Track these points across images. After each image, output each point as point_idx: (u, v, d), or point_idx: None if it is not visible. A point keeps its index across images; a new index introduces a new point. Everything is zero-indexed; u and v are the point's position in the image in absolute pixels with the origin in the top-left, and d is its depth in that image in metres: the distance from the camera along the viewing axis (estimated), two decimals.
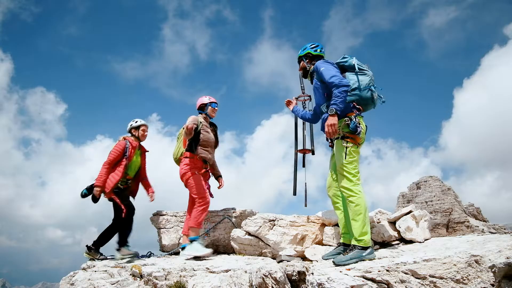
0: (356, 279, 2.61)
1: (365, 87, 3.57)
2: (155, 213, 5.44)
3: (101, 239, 4.75)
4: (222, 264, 3.67)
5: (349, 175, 3.43)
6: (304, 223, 4.49)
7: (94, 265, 4.53)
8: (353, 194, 3.36)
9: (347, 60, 3.72)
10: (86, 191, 4.73)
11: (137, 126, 5.05)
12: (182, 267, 3.65)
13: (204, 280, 3.07)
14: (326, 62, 3.69)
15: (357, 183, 3.42)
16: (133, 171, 4.96)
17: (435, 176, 50.75)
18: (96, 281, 3.84)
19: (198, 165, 4.56)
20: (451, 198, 46.29)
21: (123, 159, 4.75)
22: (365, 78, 3.61)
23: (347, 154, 3.43)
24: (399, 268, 2.65)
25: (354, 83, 3.58)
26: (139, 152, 5.05)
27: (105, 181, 4.60)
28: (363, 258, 3.14)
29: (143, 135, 5.08)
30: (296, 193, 4.63)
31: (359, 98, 3.58)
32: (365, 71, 3.66)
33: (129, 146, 4.83)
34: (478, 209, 49.67)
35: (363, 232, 3.25)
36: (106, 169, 4.66)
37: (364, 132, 3.62)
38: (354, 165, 3.47)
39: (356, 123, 3.43)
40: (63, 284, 4.36)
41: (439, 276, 2.56)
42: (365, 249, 3.19)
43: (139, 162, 5.02)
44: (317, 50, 3.99)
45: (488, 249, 2.80)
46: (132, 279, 3.80)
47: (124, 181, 4.82)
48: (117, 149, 4.76)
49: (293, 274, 3.06)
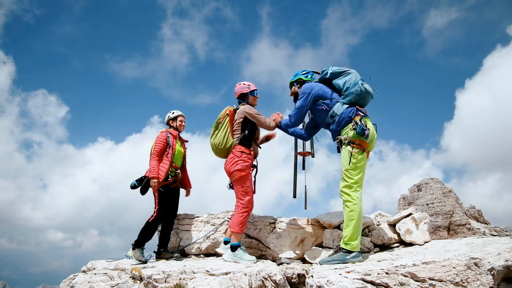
0: (356, 281, 2.61)
1: (354, 83, 3.71)
2: None
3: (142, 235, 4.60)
4: (222, 266, 3.67)
5: (350, 181, 3.48)
6: (304, 225, 4.49)
7: (94, 268, 4.53)
8: (350, 200, 3.43)
9: (327, 72, 3.96)
10: (136, 182, 4.66)
11: (174, 117, 5.08)
12: (182, 270, 3.65)
13: (203, 283, 3.07)
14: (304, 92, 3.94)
15: (357, 190, 3.46)
16: (179, 160, 4.95)
17: (436, 178, 50.67)
18: (96, 284, 3.84)
19: (251, 162, 4.34)
20: (452, 200, 46.18)
21: (168, 149, 4.78)
22: (349, 76, 3.80)
23: (351, 160, 3.47)
24: (399, 271, 2.65)
25: (343, 85, 3.76)
26: (180, 142, 5.06)
27: (159, 172, 4.59)
28: (346, 261, 3.23)
29: (180, 125, 5.09)
30: (296, 195, 4.64)
31: (353, 95, 3.67)
32: (347, 71, 3.85)
33: (170, 136, 4.87)
34: (479, 211, 49.54)
35: (353, 238, 3.35)
36: (156, 160, 4.66)
37: (374, 135, 3.67)
38: (358, 171, 3.49)
39: (362, 126, 3.47)
40: (63, 286, 4.37)
41: (439, 279, 2.55)
42: (350, 253, 3.30)
43: (182, 151, 5.03)
44: (307, 76, 4.26)
45: (488, 251, 2.80)
46: (132, 282, 3.80)
47: (173, 171, 4.81)
48: (160, 139, 4.79)
49: (293, 277, 3.06)
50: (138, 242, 4.50)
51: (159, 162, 4.69)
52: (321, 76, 4.05)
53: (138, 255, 4.44)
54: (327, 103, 3.82)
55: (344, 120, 3.63)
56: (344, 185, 3.50)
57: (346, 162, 3.50)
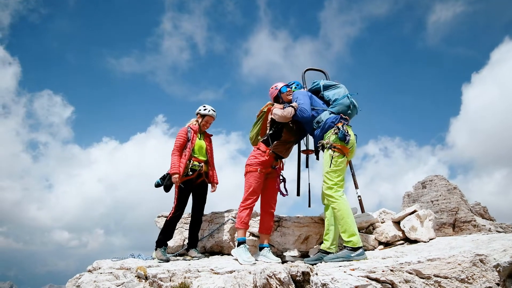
0: (360, 279, 2.61)
1: (343, 95, 3.92)
2: (160, 215, 5.47)
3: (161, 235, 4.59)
4: (226, 265, 3.68)
5: (330, 182, 3.59)
6: (308, 223, 4.50)
7: (99, 267, 4.57)
8: (333, 200, 3.51)
9: (318, 83, 4.19)
10: (160, 181, 4.63)
11: (203, 114, 4.92)
12: (186, 269, 3.67)
13: (208, 281, 3.08)
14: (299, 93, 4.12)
15: (338, 190, 3.56)
16: (201, 153, 4.81)
17: (440, 175, 50.43)
18: (102, 283, 3.88)
19: (268, 161, 4.15)
20: (457, 197, 45.94)
21: (188, 143, 4.71)
22: (339, 89, 4.03)
23: (332, 163, 3.60)
24: (404, 268, 2.64)
25: (333, 96, 3.98)
26: (203, 136, 4.95)
27: (180, 167, 4.53)
28: (351, 258, 3.24)
29: (204, 125, 4.94)
30: (300, 193, 4.64)
31: (341, 106, 3.87)
32: (337, 85, 4.10)
33: (191, 130, 4.80)
34: (484, 208, 49.23)
35: (351, 234, 3.37)
36: (176, 156, 4.61)
37: (354, 142, 3.84)
38: (338, 174, 3.62)
39: (344, 131, 3.63)
40: (69, 286, 4.41)
41: (444, 276, 2.55)
42: (354, 250, 3.29)
43: (204, 145, 4.88)
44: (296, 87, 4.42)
45: (493, 248, 2.78)
46: (137, 281, 3.83)
47: (195, 165, 4.69)
48: (180, 134, 4.74)
49: (297, 275, 3.07)
50: (158, 242, 4.50)
51: (180, 157, 4.61)
52: (312, 87, 4.26)
53: (160, 255, 4.43)
54: (317, 110, 3.96)
55: (327, 125, 3.77)
56: (325, 187, 3.61)
57: (327, 165, 3.61)
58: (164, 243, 4.53)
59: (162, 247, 4.48)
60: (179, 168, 4.52)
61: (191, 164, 4.64)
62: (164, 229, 4.54)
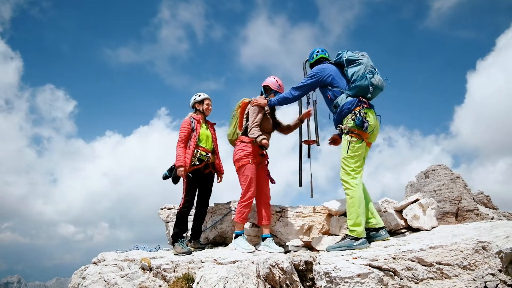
0: (363, 267, 2.62)
1: (362, 75, 3.64)
2: (163, 207, 5.49)
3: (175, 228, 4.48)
4: (229, 255, 3.71)
5: (347, 169, 3.55)
6: (310, 213, 4.50)
7: (104, 259, 4.61)
8: (349, 187, 3.49)
9: (341, 57, 3.86)
10: (167, 173, 4.61)
11: (201, 100, 4.84)
12: (190, 259, 3.70)
13: (211, 272, 3.10)
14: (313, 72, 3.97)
15: (355, 177, 3.52)
16: (207, 143, 4.73)
17: (443, 164, 50.27)
18: (106, 275, 3.92)
19: (255, 151, 4.25)
20: (460, 186, 45.88)
21: (193, 133, 4.62)
22: (358, 67, 3.69)
23: (349, 148, 3.53)
24: (406, 256, 2.65)
25: (353, 74, 3.69)
26: (206, 126, 4.86)
27: (185, 159, 4.45)
28: (354, 247, 3.26)
29: (207, 109, 4.85)
30: (301, 184, 4.64)
31: (359, 89, 3.66)
32: (358, 60, 3.74)
33: (194, 120, 4.70)
34: (487, 197, 49.17)
35: (356, 224, 3.39)
36: (181, 147, 4.52)
37: (376, 125, 3.71)
38: (355, 160, 3.56)
39: (361, 118, 3.51)
40: (74, 278, 4.46)
41: (446, 263, 2.55)
42: (356, 240, 3.33)
43: (209, 134, 4.80)
44: (326, 54, 4.23)
45: (496, 235, 2.78)
46: (142, 272, 3.87)
47: (203, 155, 4.59)
48: (184, 125, 4.65)
49: (300, 264, 3.08)
50: (174, 236, 4.36)
51: (185, 149, 4.53)
52: (336, 59, 3.96)
53: (180, 249, 4.24)
54: (334, 92, 3.83)
55: (344, 111, 3.67)
56: (343, 173, 3.58)
57: (344, 151, 3.58)
58: (180, 236, 4.39)
59: (179, 240, 4.34)
60: (185, 160, 4.42)
61: (198, 154, 4.54)
62: (177, 222, 4.43)
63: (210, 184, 4.78)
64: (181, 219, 4.43)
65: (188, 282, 3.28)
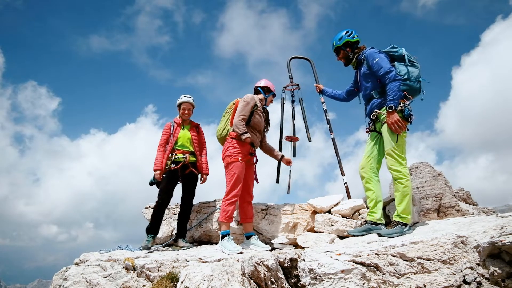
0: (346, 263, 2.65)
1: (416, 78, 3.70)
2: (147, 206, 5.43)
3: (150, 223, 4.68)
4: (215, 254, 3.69)
5: (399, 158, 3.62)
6: (295, 211, 4.53)
7: (86, 260, 4.52)
8: (402, 177, 3.57)
9: (397, 51, 3.83)
10: (152, 179, 4.75)
11: (179, 104, 4.94)
12: (175, 258, 3.66)
13: (196, 270, 3.08)
14: (378, 53, 3.84)
15: (406, 167, 3.63)
16: (184, 145, 4.79)
17: (426, 162, 51.44)
18: (89, 275, 3.84)
19: (245, 148, 4.24)
20: (441, 183, 47.04)
21: (170, 138, 4.80)
22: (415, 70, 3.73)
23: (399, 137, 3.61)
24: (388, 251, 2.70)
25: (405, 74, 3.69)
26: (188, 127, 4.94)
27: (161, 163, 4.63)
28: (404, 233, 3.39)
29: (183, 113, 4.91)
30: (279, 181, 4.68)
31: (409, 88, 3.69)
32: (414, 63, 3.78)
33: (174, 124, 4.86)
34: (468, 193, 50.62)
35: (407, 211, 3.51)
36: (160, 151, 4.72)
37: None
38: (403, 149, 3.67)
39: (410, 110, 3.60)
40: (55, 279, 4.36)
41: (427, 258, 2.61)
42: (405, 226, 3.47)
43: (188, 135, 4.85)
44: (354, 37, 4.12)
45: (474, 230, 2.86)
46: (125, 272, 3.81)
47: (179, 157, 4.71)
48: (164, 129, 4.86)
49: (285, 261, 3.09)
50: (146, 230, 4.61)
51: (164, 152, 4.71)
52: (390, 50, 3.89)
53: (144, 242, 4.52)
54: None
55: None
56: (393, 162, 3.63)
57: (394, 140, 3.62)
58: (150, 231, 4.58)
59: (149, 235, 4.55)
60: (161, 164, 4.61)
61: (174, 157, 4.68)
62: (151, 217, 4.63)
63: (193, 184, 4.83)
64: (153, 216, 4.61)
65: (173, 281, 3.25)
